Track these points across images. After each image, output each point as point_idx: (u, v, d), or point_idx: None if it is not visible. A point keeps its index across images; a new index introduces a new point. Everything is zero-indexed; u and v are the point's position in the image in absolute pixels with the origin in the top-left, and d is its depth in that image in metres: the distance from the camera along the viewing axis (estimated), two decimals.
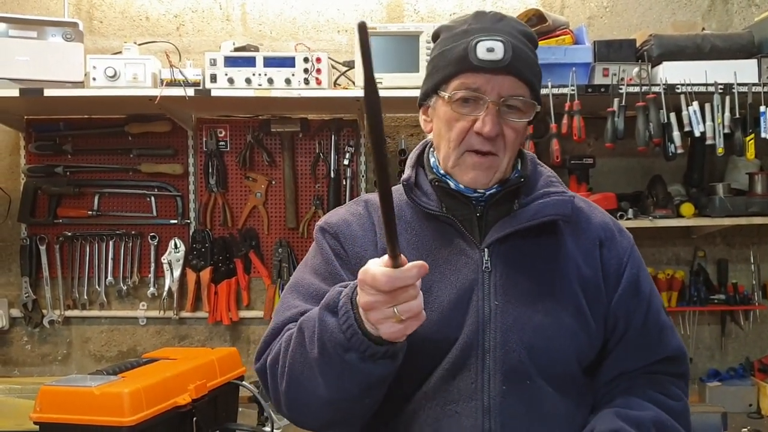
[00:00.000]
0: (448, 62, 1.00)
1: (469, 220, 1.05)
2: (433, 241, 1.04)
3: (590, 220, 1.10)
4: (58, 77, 2.07)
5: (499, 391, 0.97)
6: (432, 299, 1.00)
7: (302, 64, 2.08)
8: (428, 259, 0.98)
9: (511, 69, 0.98)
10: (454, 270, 1.02)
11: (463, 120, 1.00)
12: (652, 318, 1.07)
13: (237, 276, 2.39)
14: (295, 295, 1.05)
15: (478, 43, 0.97)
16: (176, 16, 2.44)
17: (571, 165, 2.19)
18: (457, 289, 1.00)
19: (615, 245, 1.08)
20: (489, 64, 0.97)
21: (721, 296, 2.34)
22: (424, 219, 1.06)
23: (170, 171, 2.38)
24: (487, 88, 0.98)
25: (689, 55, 2.08)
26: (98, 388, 1.55)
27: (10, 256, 2.43)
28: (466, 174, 1.02)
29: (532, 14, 2.09)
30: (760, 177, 2.20)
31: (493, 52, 0.97)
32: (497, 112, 0.98)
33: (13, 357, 2.44)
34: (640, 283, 1.08)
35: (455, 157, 1.02)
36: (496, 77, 0.97)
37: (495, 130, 0.98)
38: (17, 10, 2.38)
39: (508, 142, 1.01)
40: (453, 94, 1.00)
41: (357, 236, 1.07)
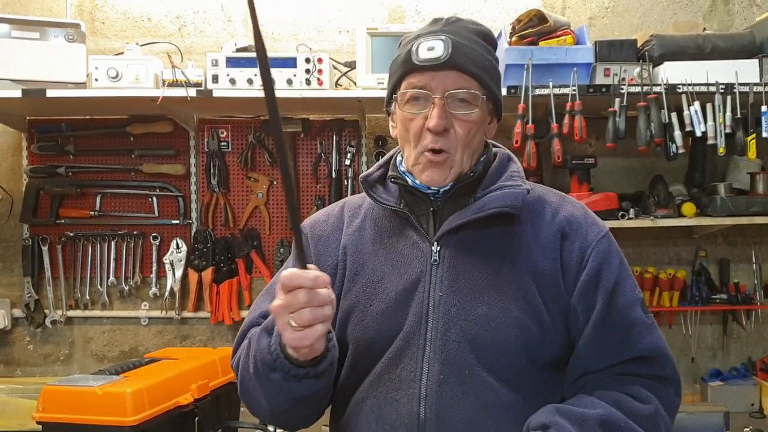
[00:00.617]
0: (398, 66, 1.06)
1: (425, 214, 1.08)
2: (390, 235, 1.09)
3: (557, 213, 1.08)
4: (61, 78, 2.07)
5: (437, 379, 0.98)
6: (381, 290, 1.05)
7: (304, 65, 2.08)
8: (383, 250, 1.08)
9: (452, 64, 1.01)
10: (404, 263, 1.06)
11: (417, 119, 1.03)
12: (616, 313, 1.02)
13: (239, 276, 2.39)
14: (264, 297, 1.13)
15: (419, 45, 1.02)
16: (178, 17, 2.45)
17: (573, 165, 2.19)
18: (404, 281, 1.04)
19: (579, 238, 1.05)
20: (430, 62, 1.01)
21: (723, 296, 2.33)
22: (388, 214, 1.11)
23: (172, 171, 2.38)
24: (432, 85, 1.01)
25: (690, 55, 2.08)
26: (101, 387, 1.55)
27: (13, 256, 2.43)
28: (423, 173, 1.05)
29: (533, 15, 2.09)
30: (762, 177, 2.20)
31: (433, 50, 1.01)
32: (443, 106, 1.01)
33: (15, 357, 2.44)
34: (602, 276, 1.03)
35: (414, 158, 1.05)
36: (439, 73, 1.01)
37: (441, 125, 1.00)
38: (20, 12, 2.39)
39: (460, 137, 1.03)
40: (402, 94, 1.04)
41: (322, 235, 1.14)
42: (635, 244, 2.38)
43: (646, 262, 2.38)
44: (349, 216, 1.15)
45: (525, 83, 2.01)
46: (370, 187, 1.12)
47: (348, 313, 1.07)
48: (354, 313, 1.06)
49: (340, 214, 1.17)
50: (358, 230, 1.12)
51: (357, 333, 1.05)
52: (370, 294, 1.06)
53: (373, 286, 1.06)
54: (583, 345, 1.03)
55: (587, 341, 1.02)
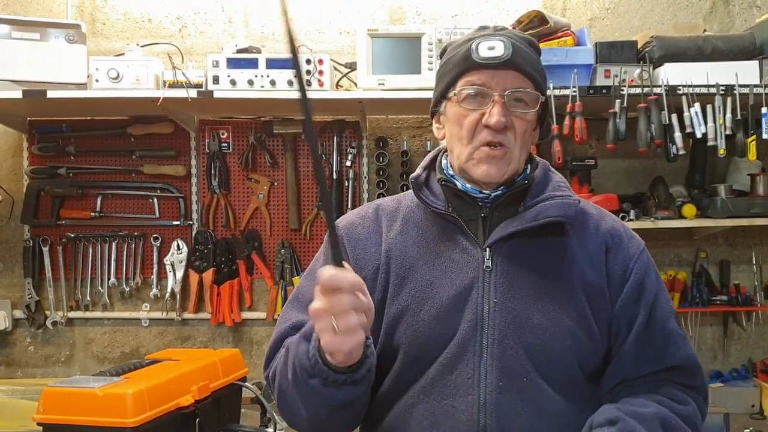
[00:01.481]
0: (453, 66, 1.06)
1: (474, 220, 1.07)
2: (438, 239, 1.08)
3: (599, 225, 1.10)
4: (61, 79, 2.08)
5: (496, 386, 0.98)
6: (432, 295, 1.04)
7: (304, 66, 2.08)
8: (431, 256, 1.06)
9: (512, 64, 1.02)
10: (455, 268, 1.05)
11: (472, 115, 1.03)
12: (656, 324, 1.05)
13: (239, 277, 2.39)
14: (294, 305, 1.11)
15: (479, 44, 1.03)
16: (179, 18, 2.45)
17: (573, 166, 2.20)
18: (456, 286, 1.03)
19: (622, 251, 1.08)
20: (491, 60, 1.02)
21: (724, 297, 2.33)
22: (432, 218, 1.09)
23: (173, 172, 2.38)
24: (492, 83, 1.02)
25: (691, 56, 2.08)
26: (101, 389, 1.55)
27: (14, 257, 2.43)
28: (479, 168, 1.04)
29: (533, 16, 2.09)
30: (762, 178, 2.21)
31: (494, 49, 1.02)
32: (503, 104, 1.02)
33: (16, 358, 2.44)
34: (645, 289, 1.06)
35: (468, 153, 1.05)
36: (499, 72, 1.02)
37: (503, 121, 1.01)
38: (20, 12, 2.39)
39: (518, 134, 1.04)
40: (460, 91, 1.04)
41: (359, 238, 1.12)
42: None
43: None
44: (387, 220, 1.13)
45: None
46: (419, 189, 1.11)
47: (398, 318, 1.05)
48: (404, 317, 1.04)
49: (375, 217, 1.15)
50: (401, 234, 1.10)
51: (408, 338, 1.04)
52: (421, 298, 1.04)
53: (423, 290, 1.05)
54: (624, 354, 1.05)
55: (628, 351, 1.04)
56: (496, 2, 2.45)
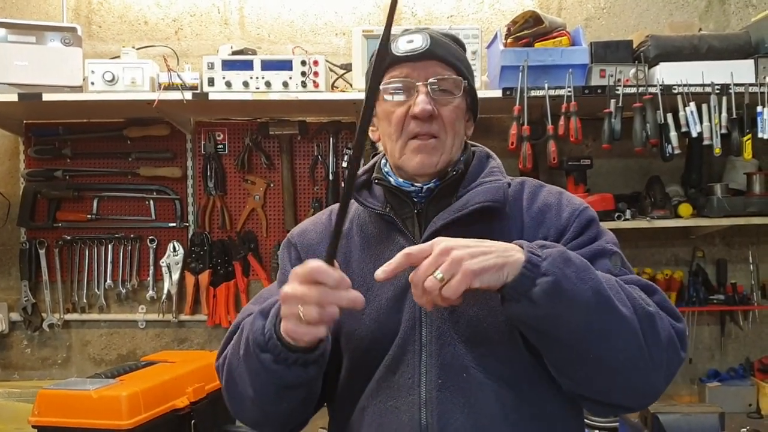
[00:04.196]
0: (381, 55, 1.03)
1: (410, 217, 1.07)
2: (378, 240, 1.07)
3: (533, 200, 1.07)
4: (57, 82, 2.08)
5: (435, 384, 0.97)
6: (372, 297, 1.03)
7: (299, 67, 2.08)
8: (371, 257, 1.06)
9: (432, 54, 1.03)
10: None
11: (399, 109, 1.03)
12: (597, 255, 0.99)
13: (236, 279, 2.39)
14: (254, 303, 1.12)
15: (398, 39, 1.04)
16: (174, 20, 2.45)
17: (569, 166, 2.19)
18: (394, 287, 1.02)
19: (560, 210, 1.04)
20: (411, 53, 1.03)
21: (721, 296, 2.33)
22: (373, 219, 1.10)
23: (169, 174, 2.38)
24: (414, 74, 1.03)
25: (686, 55, 2.08)
26: (96, 391, 1.55)
27: (10, 260, 2.43)
28: (412, 160, 1.03)
29: (528, 16, 2.09)
30: (758, 177, 2.20)
31: (413, 42, 1.03)
32: (427, 93, 1.02)
33: (12, 361, 2.44)
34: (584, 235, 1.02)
35: (400, 147, 1.04)
36: (420, 64, 1.03)
37: (428, 109, 1.00)
38: (16, 15, 2.39)
39: (447, 122, 1.03)
40: (385, 87, 1.04)
41: (311, 244, 1.12)
42: (632, 245, 2.38)
43: (643, 263, 2.38)
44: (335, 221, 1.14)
45: (520, 85, 2.01)
46: (358, 192, 1.11)
47: (340, 325, 1.04)
48: (347, 322, 1.04)
49: (327, 222, 1.15)
50: (345, 238, 1.10)
51: (353, 342, 1.04)
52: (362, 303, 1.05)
53: (364, 294, 1.02)
54: None
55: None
56: (491, 3, 2.46)
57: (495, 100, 2.08)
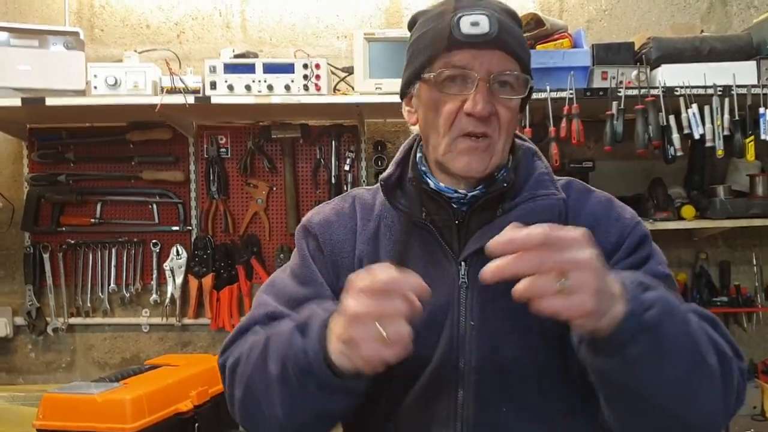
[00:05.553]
0: (430, 42, 0.92)
1: (448, 227, 0.95)
2: (411, 250, 0.94)
3: (581, 209, 0.97)
4: (60, 86, 2.08)
5: (472, 420, 0.90)
6: None
7: (301, 71, 2.09)
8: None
9: (499, 43, 0.89)
10: (429, 285, 0.88)
11: (452, 101, 0.91)
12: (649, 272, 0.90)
13: (239, 282, 2.40)
14: (269, 294, 1.00)
15: (461, 18, 0.88)
16: (176, 24, 2.46)
17: (571, 168, 2.19)
18: (430, 305, 0.88)
19: (610, 225, 0.95)
20: (475, 38, 0.88)
21: (724, 298, 2.33)
22: (405, 223, 0.96)
23: (171, 178, 2.39)
24: (475, 64, 0.89)
25: (688, 57, 2.08)
26: (100, 395, 1.56)
27: (14, 264, 2.44)
28: (459, 160, 0.92)
29: (530, 18, 2.09)
30: (761, 179, 2.20)
31: (478, 26, 0.88)
32: (488, 89, 0.89)
33: (17, 365, 2.45)
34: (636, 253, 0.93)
35: (446, 144, 0.92)
36: (484, 52, 0.89)
37: (488, 109, 0.89)
38: (19, 20, 2.40)
39: (503, 123, 0.92)
40: (438, 73, 0.91)
41: (336, 239, 1.00)
42: None
43: None
44: (362, 217, 1.01)
45: None
46: (389, 192, 0.98)
47: None
48: None
49: (352, 213, 1.02)
50: (373, 239, 0.98)
51: None
52: None
53: None
54: None
55: None
56: None
57: None
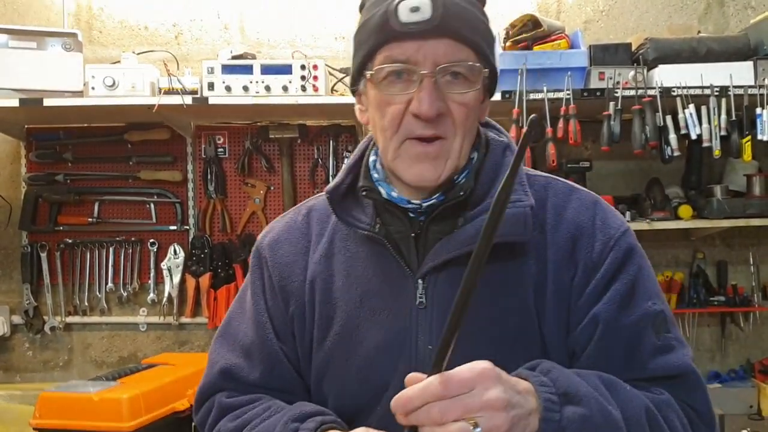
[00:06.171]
0: (369, 33, 0.81)
1: (405, 239, 0.85)
2: (366, 267, 0.87)
3: (562, 217, 0.86)
4: (58, 87, 2.09)
5: None
6: (358, 341, 0.86)
7: (299, 71, 2.09)
8: (358, 290, 0.87)
9: (445, 29, 0.78)
10: (383, 306, 0.85)
11: (397, 101, 0.81)
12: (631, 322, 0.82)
13: (236, 281, 2.40)
14: (223, 341, 0.97)
15: (400, 3, 0.77)
16: (174, 25, 2.46)
17: (568, 169, 2.19)
18: (385, 330, 0.84)
19: (593, 236, 0.84)
20: (415, 26, 0.77)
21: (721, 298, 2.33)
22: (359, 237, 0.88)
23: (169, 178, 2.39)
24: (418, 57, 0.78)
25: (685, 58, 2.08)
26: (97, 393, 1.56)
27: (12, 263, 2.44)
28: (409, 168, 0.82)
29: (527, 20, 2.10)
30: (758, 179, 2.20)
31: (419, 11, 0.76)
32: (434, 85, 0.79)
33: (14, 363, 2.45)
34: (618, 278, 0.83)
35: (394, 149, 0.82)
36: (428, 42, 0.78)
37: (435, 108, 0.78)
38: (17, 21, 2.40)
39: (458, 121, 0.81)
40: (378, 71, 0.81)
41: (284, 262, 0.93)
42: None
43: None
44: (317, 232, 0.93)
45: (519, 88, 2.02)
46: (338, 205, 0.88)
47: (324, 368, 0.89)
48: (330, 367, 0.88)
49: (304, 228, 0.94)
50: (326, 257, 0.90)
51: (336, 390, 0.88)
52: (347, 346, 0.86)
53: (348, 335, 0.86)
54: (586, 360, 0.83)
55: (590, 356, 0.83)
56: (489, 5, 2.45)
57: (494, 104, 2.05)
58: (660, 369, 0.82)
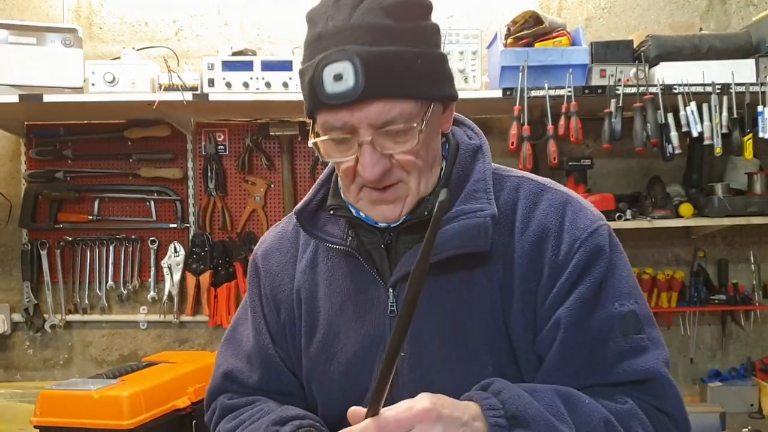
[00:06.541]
0: (306, 92, 0.81)
1: (377, 250, 0.89)
2: (345, 277, 0.91)
3: (530, 219, 0.86)
4: (58, 83, 2.08)
5: None
6: (339, 348, 0.91)
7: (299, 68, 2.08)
8: (338, 296, 0.92)
9: (371, 93, 0.76)
10: (360, 314, 0.90)
11: (346, 160, 0.82)
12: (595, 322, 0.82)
13: (236, 279, 2.39)
14: (228, 347, 1.04)
15: (324, 69, 0.77)
16: (175, 21, 2.45)
17: (569, 166, 2.19)
18: (361, 337, 0.89)
19: (560, 237, 0.84)
20: (341, 98, 0.76)
21: (722, 296, 2.33)
22: (336, 249, 0.92)
23: (169, 175, 2.38)
24: (353, 121, 0.78)
25: (686, 55, 2.08)
26: (98, 391, 1.56)
27: (12, 261, 2.44)
28: (372, 210, 0.85)
29: (528, 16, 2.09)
30: (759, 177, 2.20)
31: (342, 80, 0.76)
32: (373, 148, 0.79)
33: (15, 362, 2.45)
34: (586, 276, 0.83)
35: (354, 194, 0.86)
36: (357, 109, 0.77)
37: (376, 171, 0.79)
38: (17, 17, 2.40)
39: (409, 166, 0.82)
40: (321, 135, 0.82)
41: (274, 272, 0.98)
42: (633, 245, 2.38)
43: (644, 263, 2.37)
44: (303, 241, 0.97)
45: (520, 85, 2.01)
46: (308, 222, 0.93)
47: (310, 373, 0.95)
48: (315, 373, 0.94)
49: (294, 237, 0.98)
50: (310, 267, 0.95)
51: (322, 396, 0.94)
52: (329, 352, 0.92)
53: (330, 342, 0.92)
54: (548, 367, 0.85)
55: (553, 361, 0.84)
56: (491, 3, 2.45)
57: (495, 101, 2.08)
58: (625, 374, 0.82)
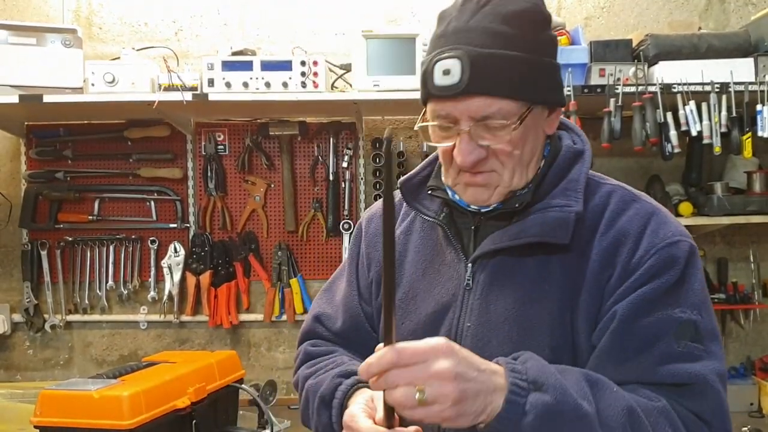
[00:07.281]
0: (421, 82, 0.92)
1: (467, 230, 0.99)
2: (432, 248, 1.02)
3: (614, 223, 0.91)
4: (58, 83, 2.08)
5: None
6: (413, 309, 1.00)
7: (299, 68, 2.09)
8: (422, 264, 1.02)
9: (474, 89, 0.85)
10: (439, 282, 0.99)
11: (446, 145, 0.92)
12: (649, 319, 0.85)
13: (237, 279, 2.40)
14: (324, 295, 1.17)
15: (435, 64, 0.87)
16: (174, 22, 2.45)
17: None
18: (435, 302, 0.98)
19: (638, 243, 0.88)
20: (446, 90, 0.86)
21: (721, 295, 2.33)
22: (431, 222, 1.03)
23: (169, 175, 2.39)
24: (456, 113, 0.88)
25: (686, 54, 2.08)
26: (98, 391, 1.56)
27: (12, 261, 2.44)
28: (465, 192, 0.94)
29: None
30: (759, 175, 2.20)
31: (449, 74, 0.86)
32: (470, 137, 0.88)
33: (15, 362, 2.45)
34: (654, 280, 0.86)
35: (452, 177, 0.95)
36: (461, 101, 0.87)
37: (473, 157, 0.88)
38: (17, 17, 2.40)
39: (503, 157, 0.90)
40: (428, 121, 0.93)
41: (373, 233, 1.11)
42: None
43: None
44: (404, 211, 1.09)
45: None
46: (410, 194, 1.04)
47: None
48: None
49: (398, 206, 1.09)
50: (405, 233, 1.06)
51: None
52: (404, 311, 1.01)
53: (407, 302, 1.01)
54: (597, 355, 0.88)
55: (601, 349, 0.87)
56: None
57: None
58: (669, 375, 0.84)
